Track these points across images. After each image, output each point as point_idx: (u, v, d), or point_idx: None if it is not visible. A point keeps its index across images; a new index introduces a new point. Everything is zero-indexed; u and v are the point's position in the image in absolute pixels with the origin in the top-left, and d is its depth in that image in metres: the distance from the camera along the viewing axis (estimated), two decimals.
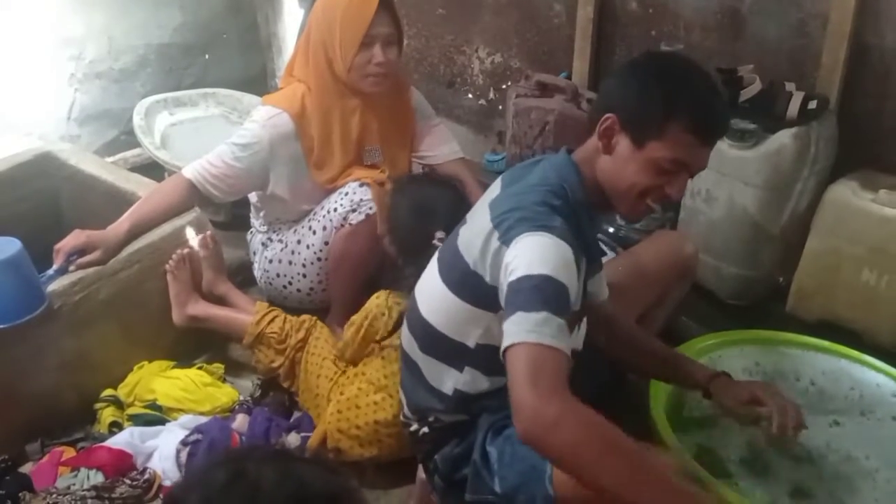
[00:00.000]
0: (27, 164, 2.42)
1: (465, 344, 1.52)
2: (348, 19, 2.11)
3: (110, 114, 3.27)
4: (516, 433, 1.22)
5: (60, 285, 1.91)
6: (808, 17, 2.19)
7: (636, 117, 1.41)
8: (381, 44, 2.12)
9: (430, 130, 2.43)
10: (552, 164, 1.50)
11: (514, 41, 2.98)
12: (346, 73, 2.14)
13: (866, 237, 2.02)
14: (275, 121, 2.16)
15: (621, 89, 1.45)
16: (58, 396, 1.97)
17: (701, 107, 1.40)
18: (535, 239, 1.32)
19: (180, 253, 2.14)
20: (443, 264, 1.57)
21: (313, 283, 2.30)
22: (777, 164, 2.10)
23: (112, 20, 3.19)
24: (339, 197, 2.18)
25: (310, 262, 2.27)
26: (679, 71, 1.45)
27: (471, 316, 1.49)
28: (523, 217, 1.36)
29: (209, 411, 2.03)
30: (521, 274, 1.28)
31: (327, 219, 2.19)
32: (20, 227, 2.22)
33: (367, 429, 1.86)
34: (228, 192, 2.21)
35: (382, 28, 2.12)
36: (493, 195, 1.51)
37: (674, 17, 2.47)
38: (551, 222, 1.36)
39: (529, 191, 1.44)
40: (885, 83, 2.12)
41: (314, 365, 2.03)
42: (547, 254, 1.31)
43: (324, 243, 2.22)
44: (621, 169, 1.44)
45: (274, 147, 2.16)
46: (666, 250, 1.94)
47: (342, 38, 2.11)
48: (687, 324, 2.21)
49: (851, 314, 2.10)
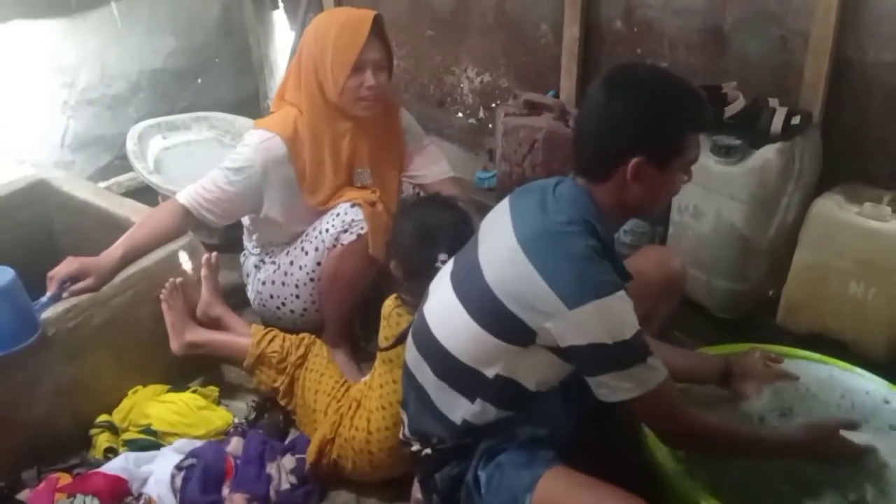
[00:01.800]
0: (21, 192, 2.44)
1: (484, 374, 1.52)
2: (340, 44, 2.13)
3: (104, 139, 3.29)
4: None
5: (54, 312, 1.92)
6: (790, 34, 2.22)
7: (659, 149, 1.46)
8: (371, 68, 2.15)
9: (421, 150, 2.45)
10: (569, 200, 1.50)
11: (503, 61, 3.01)
12: (337, 96, 2.16)
13: (852, 250, 2.04)
14: (267, 144, 2.19)
15: (634, 127, 1.45)
16: (53, 423, 1.98)
17: (700, 109, 1.50)
18: (604, 304, 1.39)
19: (173, 282, 2.15)
20: (466, 295, 1.55)
21: (306, 303, 2.32)
22: (762, 178, 2.12)
23: (105, 47, 3.22)
24: (331, 218, 2.19)
25: (303, 283, 2.29)
26: (668, 86, 1.49)
27: (498, 349, 1.50)
28: (581, 277, 1.41)
29: (204, 435, 2.03)
30: (609, 341, 1.39)
31: (319, 239, 2.21)
32: (14, 254, 2.24)
33: (380, 454, 1.88)
34: (223, 216, 2.23)
35: (373, 53, 2.15)
36: (513, 226, 1.51)
37: (658, 35, 2.51)
38: (606, 276, 1.43)
39: (566, 235, 1.45)
40: (868, 97, 2.15)
41: (312, 381, 2.04)
42: (621, 315, 1.41)
43: (316, 264, 2.24)
44: (654, 190, 1.51)
45: (267, 170, 2.18)
46: (653, 266, 1.93)
47: (334, 62, 2.14)
48: (679, 338, 2.22)
49: (840, 326, 2.12)
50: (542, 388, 1.53)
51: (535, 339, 1.45)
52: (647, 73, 1.61)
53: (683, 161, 1.50)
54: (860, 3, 2.07)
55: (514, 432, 1.54)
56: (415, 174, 2.44)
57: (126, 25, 3.26)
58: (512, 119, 2.68)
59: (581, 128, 1.55)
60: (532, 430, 1.54)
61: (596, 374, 1.43)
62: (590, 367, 1.44)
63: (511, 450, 1.52)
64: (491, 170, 3.08)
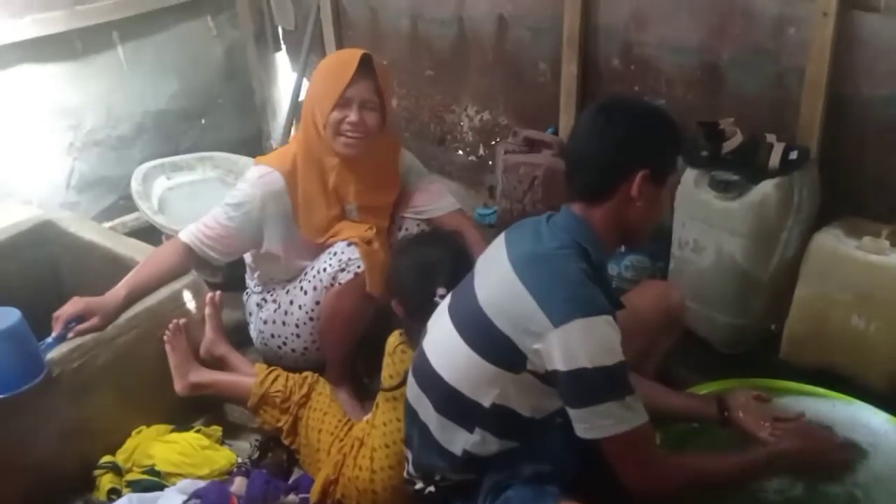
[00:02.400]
0: (27, 233, 2.46)
1: (481, 403, 1.53)
2: (328, 77, 2.19)
3: (108, 180, 3.33)
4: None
5: (59, 353, 1.93)
6: (785, 71, 2.25)
7: (661, 165, 1.56)
8: (358, 106, 2.16)
9: (427, 188, 2.46)
10: (562, 227, 1.55)
11: (502, 99, 3.05)
12: (322, 129, 2.19)
13: (853, 284, 2.04)
14: (265, 179, 2.21)
15: (638, 142, 1.53)
16: (57, 464, 1.97)
17: (680, 133, 1.62)
18: (589, 324, 1.41)
19: (176, 323, 2.16)
20: (462, 322, 1.58)
21: (307, 342, 2.33)
22: (761, 213, 2.13)
23: (110, 89, 3.27)
24: (328, 257, 2.21)
25: (303, 322, 2.30)
26: (658, 110, 1.63)
27: (491, 376, 1.51)
28: (569, 297, 1.43)
29: (207, 475, 2.03)
30: (589, 366, 1.39)
31: (317, 279, 2.22)
32: (20, 294, 2.24)
33: (384, 493, 1.87)
34: (225, 253, 2.25)
35: (362, 92, 2.16)
36: (507, 253, 1.54)
37: (655, 73, 2.54)
38: (595, 299, 1.44)
39: (558, 258, 1.49)
40: (864, 133, 2.17)
41: (316, 420, 2.04)
42: (605, 339, 1.42)
43: (315, 303, 2.25)
44: (652, 207, 1.57)
45: (265, 205, 2.21)
46: (652, 299, 1.94)
47: (323, 96, 2.18)
48: (682, 373, 2.22)
49: (843, 360, 2.12)
50: (537, 416, 1.53)
51: (526, 363, 1.46)
52: (636, 100, 1.78)
53: (673, 179, 1.62)
54: (854, 41, 2.10)
55: (518, 469, 1.54)
56: (421, 210, 2.44)
57: (131, 68, 3.32)
58: (512, 156, 2.71)
59: (579, 151, 1.58)
60: (536, 466, 1.54)
61: (575, 406, 1.44)
62: (569, 397, 1.45)
63: (517, 485, 1.52)
64: (492, 206, 3.10)
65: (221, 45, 3.65)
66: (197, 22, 3.53)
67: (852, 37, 2.10)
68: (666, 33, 2.48)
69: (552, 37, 2.75)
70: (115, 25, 3.22)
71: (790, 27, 2.21)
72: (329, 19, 3.41)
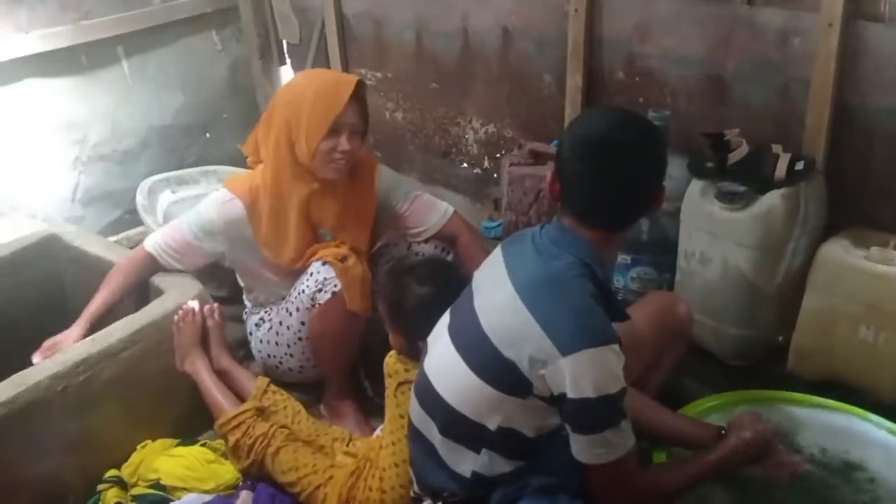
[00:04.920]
0: (32, 247, 2.46)
1: (486, 426, 1.53)
2: (318, 105, 2.11)
3: (114, 194, 3.33)
4: None
5: (63, 367, 1.92)
6: (791, 81, 2.25)
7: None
8: (347, 133, 2.12)
9: (411, 206, 2.36)
10: (562, 242, 1.52)
11: (507, 111, 3.05)
12: (309, 158, 2.13)
13: (861, 294, 2.03)
14: (227, 207, 2.23)
15: (657, 164, 1.55)
16: (61, 478, 1.97)
17: None
18: (596, 354, 1.41)
19: (187, 307, 2.18)
20: (465, 346, 1.56)
21: (302, 361, 2.32)
22: (768, 224, 2.12)
23: (115, 104, 3.28)
24: (306, 278, 2.19)
25: (293, 342, 2.30)
26: (640, 130, 1.58)
27: (497, 401, 1.51)
28: (577, 326, 1.43)
29: (213, 489, 2.02)
30: (593, 395, 1.41)
31: (299, 300, 2.22)
32: (25, 308, 2.26)
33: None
34: (188, 266, 2.31)
35: (351, 118, 2.13)
36: (508, 274, 1.53)
37: (660, 84, 2.54)
38: (603, 326, 1.45)
39: (564, 281, 1.47)
40: (871, 143, 2.17)
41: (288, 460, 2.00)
42: (611, 368, 1.43)
43: (301, 323, 2.25)
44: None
45: (228, 230, 2.24)
46: (658, 311, 1.93)
47: (310, 123, 2.11)
48: (689, 385, 2.21)
49: (851, 372, 2.10)
50: (541, 433, 1.53)
51: (532, 389, 1.46)
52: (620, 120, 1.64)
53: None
54: (859, 52, 2.10)
55: (527, 481, 1.54)
56: (416, 231, 2.38)
57: (136, 83, 3.33)
58: (517, 168, 2.71)
59: (581, 184, 1.51)
60: (544, 479, 1.54)
61: (574, 430, 1.46)
62: (570, 420, 1.46)
63: (528, 496, 1.52)
64: (497, 219, 3.10)
65: (226, 59, 3.67)
66: (201, 36, 3.54)
67: (857, 47, 2.10)
68: (670, 45, 2.48)
69: (557, 49, 2.75)
70: (120, 40, 3.23)
71: (795, 38, 2.21)
72: (334, 33, 3.42)
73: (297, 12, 3.59)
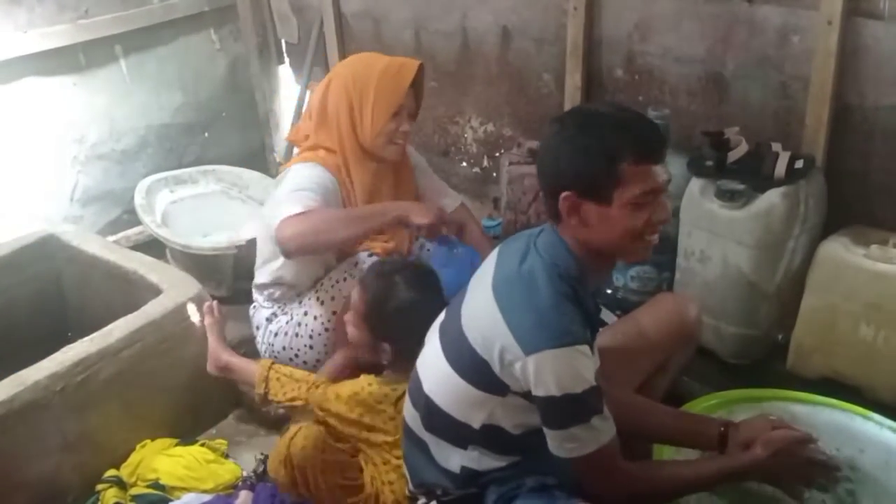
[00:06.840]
0: (31, 247, 2.46)
1: (470, 425, 1.54)
2: (384, 87, 2.17)
3: (112, 194, 3.33)
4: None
5: (62, 367, 1.92)
6: (790, 80, 2.25)
7: (588, 183, 1.43)
8: (407, 115, 2.21)
9: (431, 186, 2.48)
10: (544, 245, 1.51)
11: (506, 110, 3.05)
12: (371, 138, 2.19)
13: (861, 293, 2.03)
14: (318, 172, 2.18)
15: (559, 165, 1.46)
16: (60, 478, 1.97)
17: (634, 136, 1.43)
18: (558, 355, 1.39)
19: (209, 304, 2.18)
20: (448, 345, 1.58)
21: (320, 354, 2.30)
22: (768, 223, 2.12)
23: (114, 103, 3.27)
24: (348, 266, 2.20)
25: (317, 333, 2.27)
26: (594, 117, 1.48)
27: (479, 399, 1.51)
28: (538, 324, 1.41)
29: (212, 489, 2.02)
30: (557, 394, 1.40)
31: (336, 289, 2.21)
32: (24, 307, 2.25)
33: None
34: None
35: (411, 102, 2.23)
36: (493, 274, 1.52)
37: (659, 83, 2.54)
38: (567, 326, 1.42)
39: (532, 279, 1.46)
40: (870, 141, 2.17)
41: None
42: (575, 369, 1.41)
43: (332, 313, 2.22)
44: (607, 230, 1.45)
45: (327, 197, 2.15)
46: (667, 314, 1.90)
47: (376, 106, 2.16)
48: (689, 384, 2.21)
49: (851, 370, 2.10)
50: (525, 431, 1.53)
51: (509, 387, 1.47)
52: (586, 110, 1.67)
53: (629, 193, 1.42)
54: (859, 50, 2.10)
55: (523, 481, 1.54)
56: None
57: (134, 82, 3.32)
58: (516, 167, 2.71)
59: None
60: (540, 478, 1.54)
61: (546, 426, 1.46)
62: (541, 417, 1.46)
63: (524, 496, 1.52)
64: (496, 218, 3.09)
65: (224, 58, 3.66)
66: (200, 35, 3.53)
67: (857, 45, 2.10)
68: (669, 43, 2.48)
69: (556, 48, 2.75)
70: (118, 39, 3.22)
71: (794, 36, 2.21)
72: (332, 32, 3.41)
73: (296, 11, 3.58)
